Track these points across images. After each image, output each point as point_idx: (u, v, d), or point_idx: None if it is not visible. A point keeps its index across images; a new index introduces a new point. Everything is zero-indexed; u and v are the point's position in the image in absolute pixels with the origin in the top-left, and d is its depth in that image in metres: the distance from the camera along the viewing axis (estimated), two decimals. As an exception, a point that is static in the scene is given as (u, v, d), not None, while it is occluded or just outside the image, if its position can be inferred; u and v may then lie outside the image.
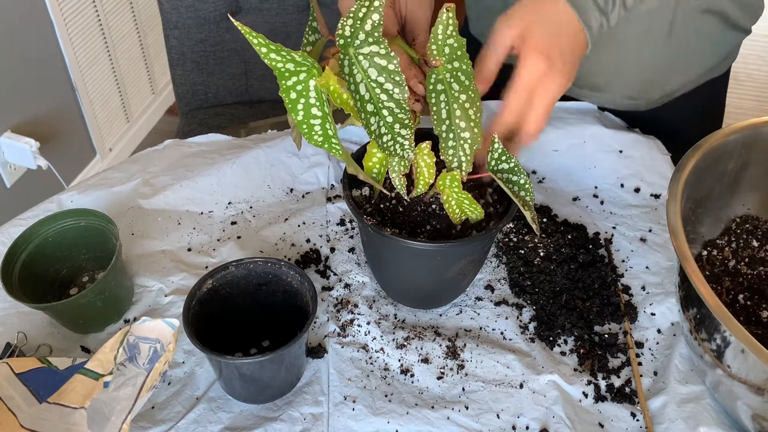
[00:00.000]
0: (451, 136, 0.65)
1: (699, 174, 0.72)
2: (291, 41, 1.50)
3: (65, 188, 0.95)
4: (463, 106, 0.63)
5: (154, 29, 2.37)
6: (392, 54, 0.58)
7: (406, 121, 0.61)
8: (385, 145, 0.62)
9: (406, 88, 0.59)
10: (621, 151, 0.96)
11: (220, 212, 0.91)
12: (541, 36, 0.65)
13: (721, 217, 0.81)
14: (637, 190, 0.93)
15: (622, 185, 0.94)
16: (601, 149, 0.96)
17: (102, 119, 2.18)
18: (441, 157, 0.67)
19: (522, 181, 0.66)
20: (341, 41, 0.57)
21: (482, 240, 0.70)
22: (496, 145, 0.65)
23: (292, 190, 0.95)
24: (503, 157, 0.65)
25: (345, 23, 0.56)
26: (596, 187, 0.95)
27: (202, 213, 0.91)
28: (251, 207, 0.92)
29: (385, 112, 0.60)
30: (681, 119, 1.01)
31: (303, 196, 0.94)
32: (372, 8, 0.56)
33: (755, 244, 0.80)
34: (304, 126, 0.58)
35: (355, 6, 0.56)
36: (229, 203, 0.92)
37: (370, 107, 0.60)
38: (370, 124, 0.61)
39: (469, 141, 0.65)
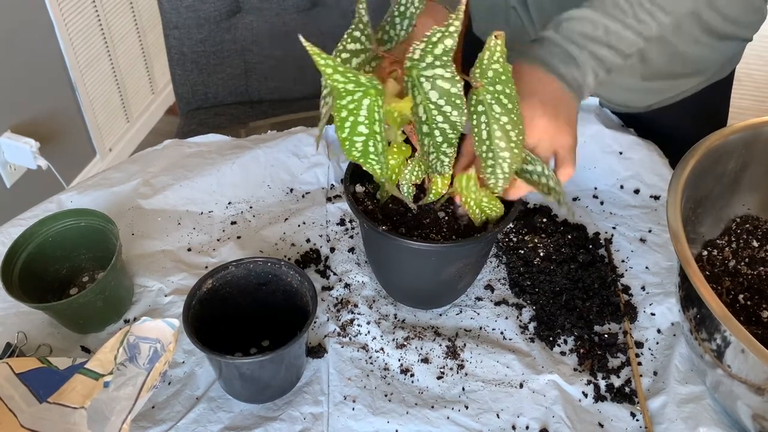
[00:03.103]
0: (490, 155, 0.65)
1: (699, 174, 0.72)
2: (291, 41, 1.50)
3: (65, 188, 0.95)
4: (503, 128, 0.63)
5: (154, 29, 2.36)
6: (456, 78, 0.58)
7: (454, 140, 0.62)
8: (430, 163, 0.64)
9: (465, 110, 0.60)
10: (621, 153, 0.96)
11: (220, 212, 0.91)
12: (548, 116, 0.69)
13: (722, 217, 0.81)
14: (636, 191, 0.93)
15: (621, 186, 0.94)
16: (601, 149, 0.96)
17: (102, 119, 2.18)
18: (480, 176, 0.67)
19: (540, 169, 0.66)
20: (408, 63, 0.58)
21: (478, 243, 0.70)
22: None
23: (292, 190, 0.95)
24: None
25: (417, 47, 0.57)
26: (596, 188, 0.95)
27: (202, 213, 0.91)
28: (251, 207, 0.92)
29: (436, 132, 0.61)
30: (681, 122, 1.00)
31: (303, 196, 0.94)
32: (447, 33, 0.56)
33: (755, 244, 0.80)
34: (347, 143, 0.59)
35: (431, 31, 0.56)
36: (229, 203, 0.92)
37: (425, 128, 0.61)
38: (423, 144, 0.62)
39: (508, 160, 0.65)
